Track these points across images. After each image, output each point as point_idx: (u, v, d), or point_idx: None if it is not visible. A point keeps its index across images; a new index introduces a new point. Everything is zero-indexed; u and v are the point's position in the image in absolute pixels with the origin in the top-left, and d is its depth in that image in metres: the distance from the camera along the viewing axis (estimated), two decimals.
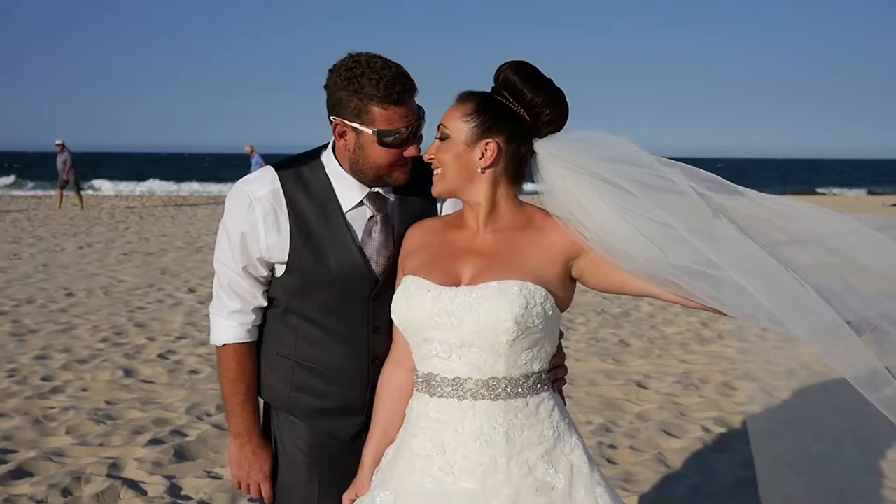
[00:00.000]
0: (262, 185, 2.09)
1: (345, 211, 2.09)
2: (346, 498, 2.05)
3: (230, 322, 2.16)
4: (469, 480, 1.82)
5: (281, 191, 2.08)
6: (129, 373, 6.25)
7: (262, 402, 2.30)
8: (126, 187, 38.07)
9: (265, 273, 2.13)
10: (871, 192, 41.59)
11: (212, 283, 4.18)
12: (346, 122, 1.99)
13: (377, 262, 2.09)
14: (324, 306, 2.10)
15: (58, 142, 21.65)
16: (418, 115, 2.02)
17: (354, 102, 1.97)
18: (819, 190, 43.84)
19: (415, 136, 2.02)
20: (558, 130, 1.96)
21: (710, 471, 4.48)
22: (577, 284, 1.97)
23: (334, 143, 2.11)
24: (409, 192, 2.14)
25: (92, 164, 61.46)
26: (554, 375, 1.98)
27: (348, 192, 2.09)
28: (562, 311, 1.93)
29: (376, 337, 2.11)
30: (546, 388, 1.92)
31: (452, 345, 1.84)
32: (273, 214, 2.06)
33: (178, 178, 44.11)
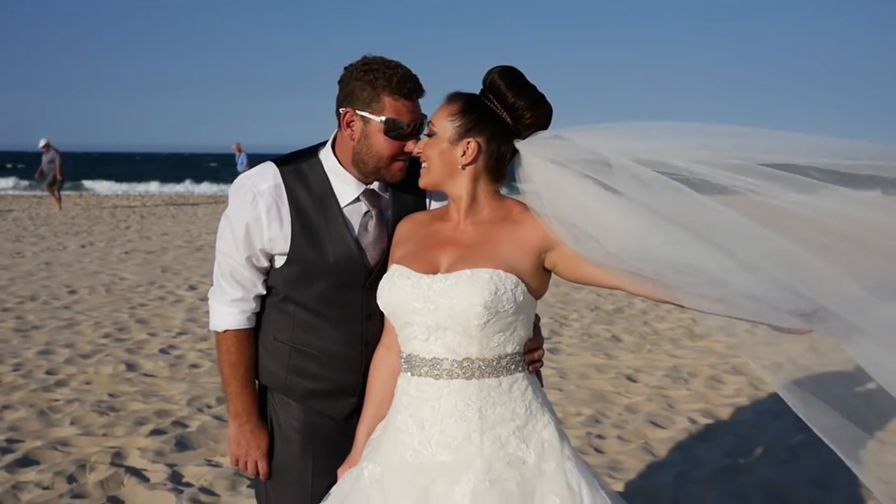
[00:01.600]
0: (265, 179, 2.22)
1: (342, 206, 2.23)
2: (340, 471, 2.19)
3: (232, 309, 2.29)
4: (445, 453, 1.96)
5: (282, 185, 2.21)
6: (131, 367, 6.39)
7: (257, 384, 2.43)
8: (127, 187, 38.11)
9: (266, 264, 2.26)
10: (885, 193, 40.98)
11: (212, 280, 4.26)
12: (357, 110, 2.14)
13: (372, 254, 2.24)
14: (321, 295, 2.24)
15: (42, 142, 21.19)
16: (421, 116, 2.17)
17: (368, 91, 2.12)
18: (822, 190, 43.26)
19: (416, 134, 2.15)
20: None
21: (694, 459, 4.62)
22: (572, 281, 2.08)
23: (335, 138, 2.26)
24: (401, 191, 2.29)
25: (92, 164, 61.59)
26: (529, 358, 2.10)
27: (345, 188, 2.23)
28: (536, 299, 2.06)
29: (370, 323, 2.25)
30: (520, 369, 2.05)
31: (429, 328, 1.98)
32: (276, 208, 2.20)
33: (179, 178, 44.19)
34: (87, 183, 39.47)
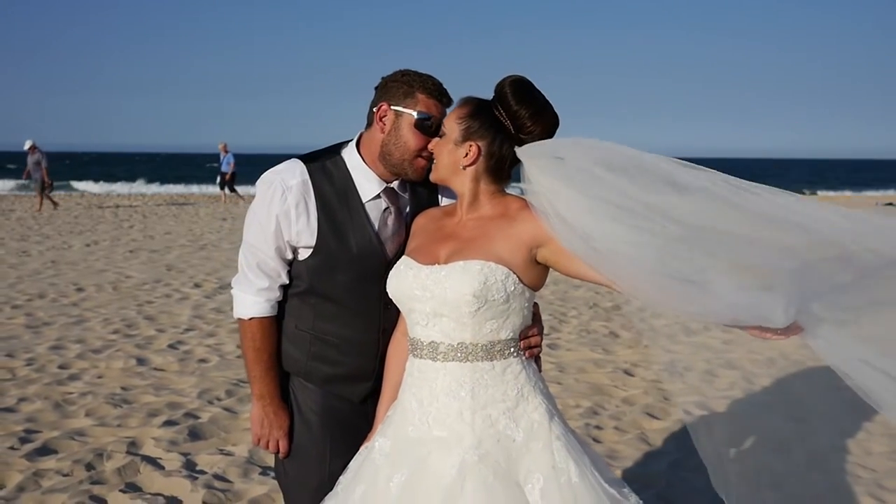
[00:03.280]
0: (293, 175, 2.38)
1: (363, 202, 2.40)
2: (363, 447, 2.35)
3: (258, 298, 2.45)
4: (440, 429, 2.14)
5: (309, 182, 2.38)
6: (141, 361, 6.56)
7: None
8: (128, 187, 38.17)
9: (290, 256, 2.43)
10: None
11: (217, 278, 4.22)
12: (391, 105, 2.34)
13: (390, 247, 2.42)
14: (343, 285, 2.41)
15: (28, 143, 21.02)
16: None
17: (404, 89, 2.34)
18: (822, 191, 42.12)
19: (438, 134, 2.31)
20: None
21: (688, 448, 4.78)
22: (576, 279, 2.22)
23: (360, 138, 2.45)
24: (418, 192, 2.49)
25: (92, 165, 61.71)
26: (526, 344, 2.25)
27: (367, 184, 2.41)
28: (534, 290, 2.21)
29: (387, 312, 2.41)
30: (515, 354, 2.20)
31: (428, 314, 2.16)
32: (303, 202, 2.37)
33: (179, 179, 44.27)
34: (89, 184, 39.54)
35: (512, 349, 2.19)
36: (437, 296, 2.13)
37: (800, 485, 4.29)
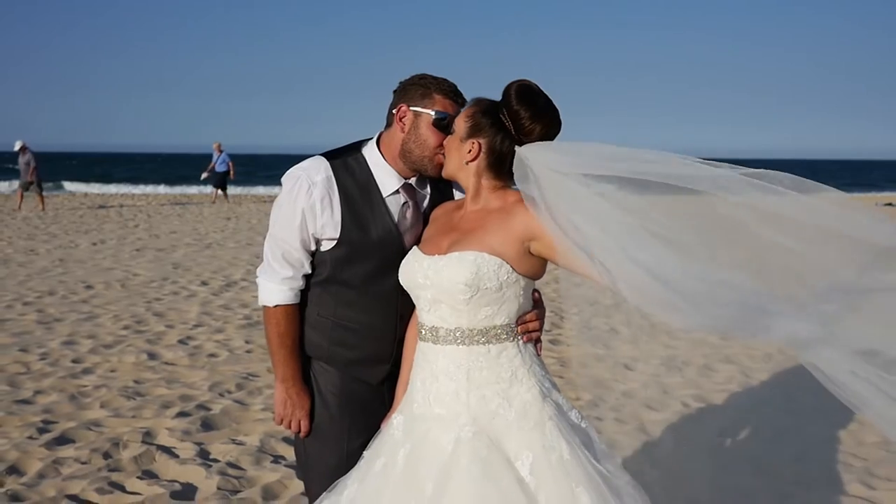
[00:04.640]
0: (318, 171, 2.54)
1: (384, 196, 2.56)
2: (383, 424, 2.50)
3: (282, 287, 2.60)
4: (439, 407, 2.30)
5: (333, 178, 2.53)
6: (152, 356, 6.71)
7: None
8: (131, 188, 38.28)
9: (313, 247, 2.58)
10: None
11: (223, 276, 4.28)
12: (410, 106, 2.50)
13: (408, 239, 2.58)
14: (364, 274, 2.56)
15: (18, 144, 21.40)
16: None
17: (422, 90, 2.50)
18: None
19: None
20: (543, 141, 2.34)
21: (686, 439, 4.95)
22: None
23: (379, 136, 2.60)
24: (436, 188, 2.65)
25: (93, 165, 61.87)
26: (523, 329, 2.38)
27: (387, 179, 2.56)
28: (533, 279, 2.36)
29: (403, 299, 2.54)
30: (511, 339, 2.34)
31: (430, 301, 2.33)
32: (328, 197, 2.52)
33: (182, 179, 44.39)
34: (92, 185, 39.68)
35: (508, 334, 2.33)
36: (436, 284, 2.29)
37: (792, 472, 4.43)
